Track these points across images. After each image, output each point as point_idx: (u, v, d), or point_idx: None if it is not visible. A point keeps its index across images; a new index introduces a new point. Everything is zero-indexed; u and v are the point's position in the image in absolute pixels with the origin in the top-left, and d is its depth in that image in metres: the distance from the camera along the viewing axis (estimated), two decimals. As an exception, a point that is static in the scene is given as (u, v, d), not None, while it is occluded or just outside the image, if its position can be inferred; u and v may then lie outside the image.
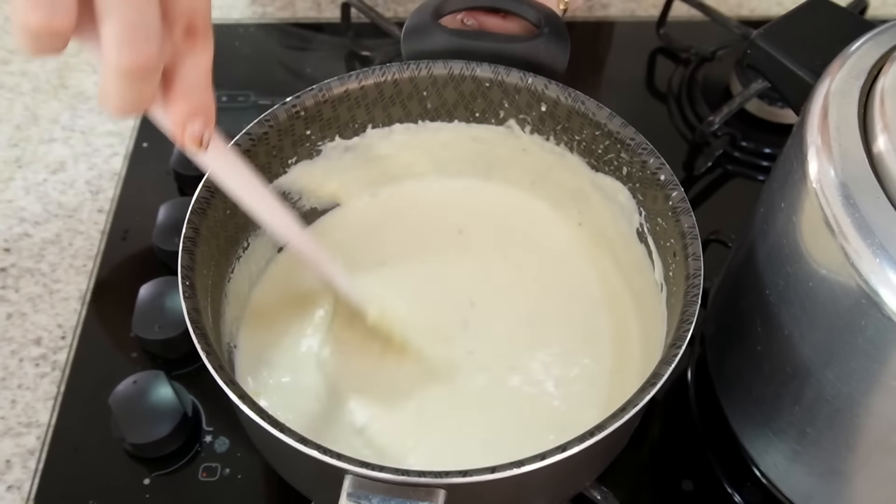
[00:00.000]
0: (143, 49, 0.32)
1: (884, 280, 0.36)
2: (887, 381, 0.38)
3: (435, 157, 0.57)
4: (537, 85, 0.51)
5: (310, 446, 0.37)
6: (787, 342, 0.42)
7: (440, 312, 0.52)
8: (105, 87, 0.34)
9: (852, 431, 0.41)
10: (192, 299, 0.42)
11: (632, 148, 0.49)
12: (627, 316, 0.53)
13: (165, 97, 0.36)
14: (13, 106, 0.74)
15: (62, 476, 0.54)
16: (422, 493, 0.37)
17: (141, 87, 0.34)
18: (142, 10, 0.32)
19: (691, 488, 0.54)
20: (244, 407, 0.38)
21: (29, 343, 0.60)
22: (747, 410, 0.49)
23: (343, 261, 0.54)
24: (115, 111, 0.34)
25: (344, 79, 0.51)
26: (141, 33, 0.32)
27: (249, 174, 0.43)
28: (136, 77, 0.33)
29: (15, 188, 0.68)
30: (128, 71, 0.33)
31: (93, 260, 0.64)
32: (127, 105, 0.34)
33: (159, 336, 0.57)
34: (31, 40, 0.32)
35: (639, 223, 0.50)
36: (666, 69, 0.77)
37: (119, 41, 0.32)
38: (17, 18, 0.31)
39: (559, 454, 0.37)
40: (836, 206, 0.38)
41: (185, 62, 0.35)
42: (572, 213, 0.56)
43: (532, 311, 0.52)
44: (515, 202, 0.57)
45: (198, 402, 0.56)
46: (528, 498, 0.43)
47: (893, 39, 0.43)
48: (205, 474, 0.54)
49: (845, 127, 0.40)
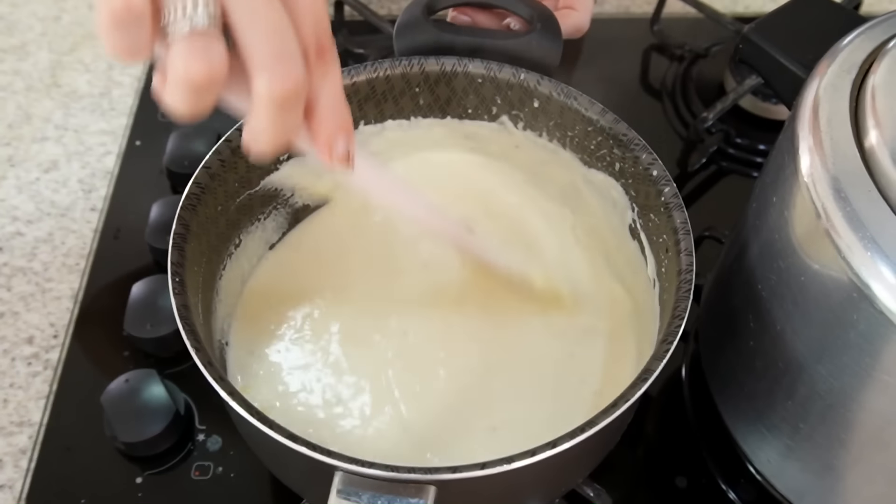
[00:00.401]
0: (292, 75, 0.32)
1: (875, 274, 0.36)
2: (879, 375, 0.38)
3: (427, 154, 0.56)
4: (530, 81, 0.51)
5: (299, 443, 0.37)
6: (779, 337, 0.42)
7: (436, 306, 0.51)
8: (257, 125, 0.33)
9: (845, 427, 0.41)
10: (182, 295, 0.41)
11: (624, 144, 0.49)
12: (621, 313, 0.53)
13: (309, 121, 0.36)
14: (6, 104, 0.74)
15: (54, 475, 0.54)
16: (412, 489, 0.37)
17: (291, 116, 0.34)
18: (283, 37, 0.32)
19: (685, 485, 0.54)
20: (234, 403, 0.38)
21: (21, 342, 0.60)
22: (740, 407, 0.49)
23: (335, 259, 0.54)
24: (268, 146, 0.34)
25: (335, 75, 0.50)
26: (287, 60, 0.32)
27: (394, 177, 0.43)
28: (287, 105, 0.33)
29: (7, 187, 0.68)
30: (280, 100, 0.32)
31: (85, 259, 0.64)
32: (280, 136, 0.34)
33: (151, 334, 0.57)
34: (191, 96, 0.32)
35: (631, 219, 0.50)
36: (660, 66, 0.77)
37: (270, 71, 0.32)
38: (175, 74, 0.31)
39: (549, 450, 0.37)
40: (828, 201, 0.38)
41: (322, 82, 0.35)
42: (565, 210, 0.56)
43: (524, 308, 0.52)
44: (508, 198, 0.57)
45: (190, 400, 0.56)
46: (520, 494, 0.43)
47: (885, 34, 0.43)
48: (197, 473, 0.54)
49: (837, 121, 0.39)
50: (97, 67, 0.77)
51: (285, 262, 0.53)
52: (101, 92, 0.75)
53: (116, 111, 0.73)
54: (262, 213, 0.52)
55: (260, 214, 0.52)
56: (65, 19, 0.81)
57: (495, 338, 0.50)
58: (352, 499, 0.37)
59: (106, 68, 0.77)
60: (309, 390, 0.48)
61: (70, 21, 0.81)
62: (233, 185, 0.49)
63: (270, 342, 0.50)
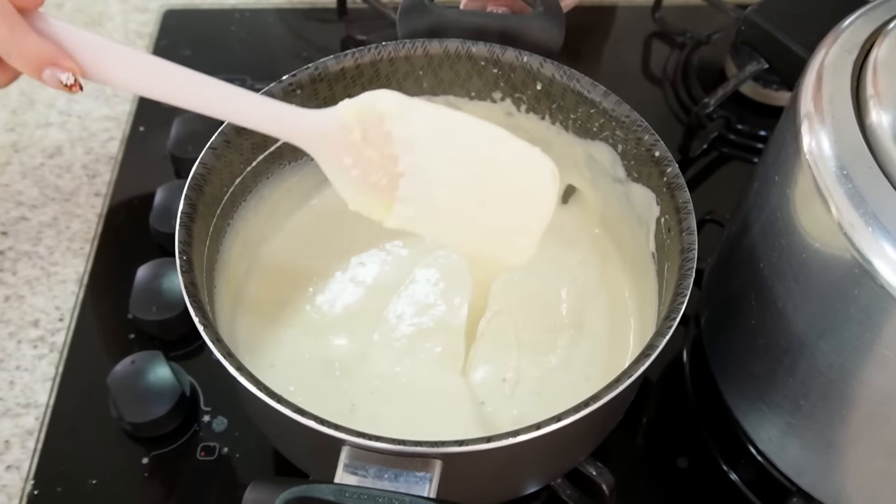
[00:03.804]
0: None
1: (876, 249, 0.36)
2: (880, 350, 0.38)
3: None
4: (532, 63, 0.51)
5: (307, 417, 0.37)
6: (780, 315, 0.43)
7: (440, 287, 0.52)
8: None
9: (845, 402, 0.42)
10: (190, 273, 0.42)
11: (626, 125, 0.49)
12: (623, 296, 0.53)
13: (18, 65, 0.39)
14: (9, 91, 0.74)
15: (61, 456, 0.54)
16: (418, 463, 0.37)
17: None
18: None
19: (686, 466, 0.54)
20: (242, 379, 0.38)
21: (27, 325, 0.60)
22: (742, 386, 0.49)
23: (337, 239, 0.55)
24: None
25: (340, 57, 0.51)
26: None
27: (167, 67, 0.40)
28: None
29: (12, 172, 0.69)
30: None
31: (90, 243, 0.64)
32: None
33: (157, 317, 0.57)
34: None
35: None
36: (661, 53, 0.78)
37: None
38: None
39: (554, 423, 0.37)
40: (829, 178, 0.38)
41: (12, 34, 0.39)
42: (568, 192, 0.56)
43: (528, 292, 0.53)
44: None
45: (195, 382, 0.56)
46: (524, 469, 0.43)
47: (885, 15, 0.44)
48: (203, 453, 0.54)
49: (838, 99, 0.40)
50: (100, 54, 0.77)
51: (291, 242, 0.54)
52: (104, 78, 0.75)
53: (119, 98, 0.74)
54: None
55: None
56: (67, 6, 0.81)
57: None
58: (359, 473, 0.37)
59: (109, 55, 0.77)
60: (313, 367, 0.48)
61: (72, 7, 0.81)
62: (238, 166, 0.49)
63: (276, 320, 0.51)
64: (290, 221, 0.55)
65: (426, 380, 0.49)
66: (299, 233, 0.55)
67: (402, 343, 0.50)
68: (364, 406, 0.48)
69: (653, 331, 0.42)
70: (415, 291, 0.52)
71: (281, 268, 0.54)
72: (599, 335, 0.51)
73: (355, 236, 0.55)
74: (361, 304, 0.52)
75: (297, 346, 0.50)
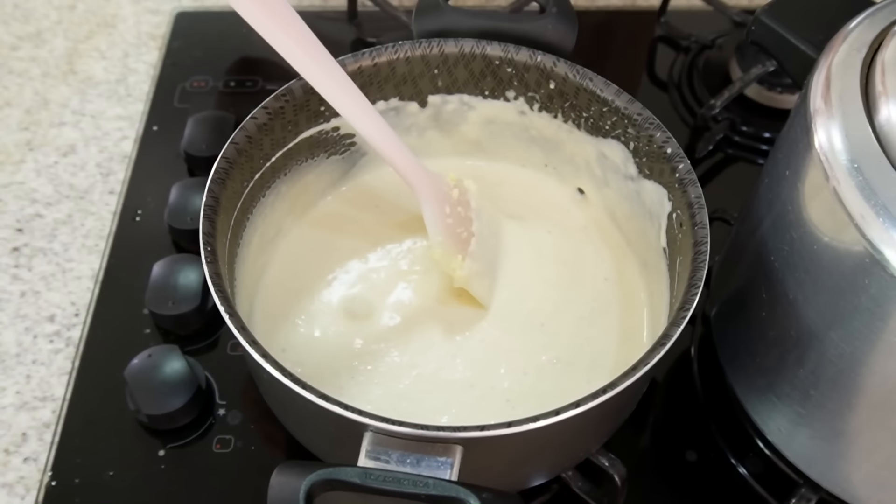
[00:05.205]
0: None
1: (887, 239, 0.37)
2: (890, 338, 0.39)
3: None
4: (546, 63, 0.52)
5: (331, 402, 0.38)
6: (791, 306, 0.44)
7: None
8: None
9: (855, 391, 0.43)
10: (214, 264, 0.43)
11: (638, 123, 0.50)
12: (635, 290, 0.54)
13: None
14: (23, 90, 0.75)
15: (78, 448, 0.55)
16: (439, 448, 0.38)
17: None
18: None
19: (695, 459, 0.55)
20: (267, 366, 0.39)
21: (43, 320, 0.61)
22: (751, 377, 0.50)
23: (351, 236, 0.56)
24: None
25: (358, 56, 0.52)
26: None
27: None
28: None
29: (26, 170, 0.69)
30: None
31: (105, 240, 0.65)
32: None
33: (173, 311, 0.58)
34: None
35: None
36: (667, 57, 0.79)
37: None
38: None
39: (574, 409, 0.38)
40: (841, 171, 0.39)
41: None
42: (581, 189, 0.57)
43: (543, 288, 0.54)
44: (524, 179, 0.58)
45: (210, 376, 0.57)
46: (541, 456, 0.44)
47: (892, 15, 0.45)
48: (219, 446, 0.55)
49: (848, 96, 0.41)
50: (113, 55, 0.78)
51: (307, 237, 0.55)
52: (117, 79, 0.76)
53: (133, 97, 0.75)
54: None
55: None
56: (80, 7, 0.82)
57: None
58: (381, 458, 0.38)
59: (122, 55, 0.78)
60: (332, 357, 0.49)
61: (85, 9, 0.82)
62: (257, 161, 0.50)
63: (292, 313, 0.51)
64: (307, 217, 0.56)
65: (442, 368, 0.49)
66: (315, 228, 0.56)
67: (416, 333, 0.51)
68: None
69: (664, 325, 0.43)
70: (429, 283, 0.53)
71: (297, 260, 0.54)
72: (611, 329, 0.52)
73: (369, 232, 0.56)
74: (376, 296, 0.53)
75: (310, 335, 0.51)
